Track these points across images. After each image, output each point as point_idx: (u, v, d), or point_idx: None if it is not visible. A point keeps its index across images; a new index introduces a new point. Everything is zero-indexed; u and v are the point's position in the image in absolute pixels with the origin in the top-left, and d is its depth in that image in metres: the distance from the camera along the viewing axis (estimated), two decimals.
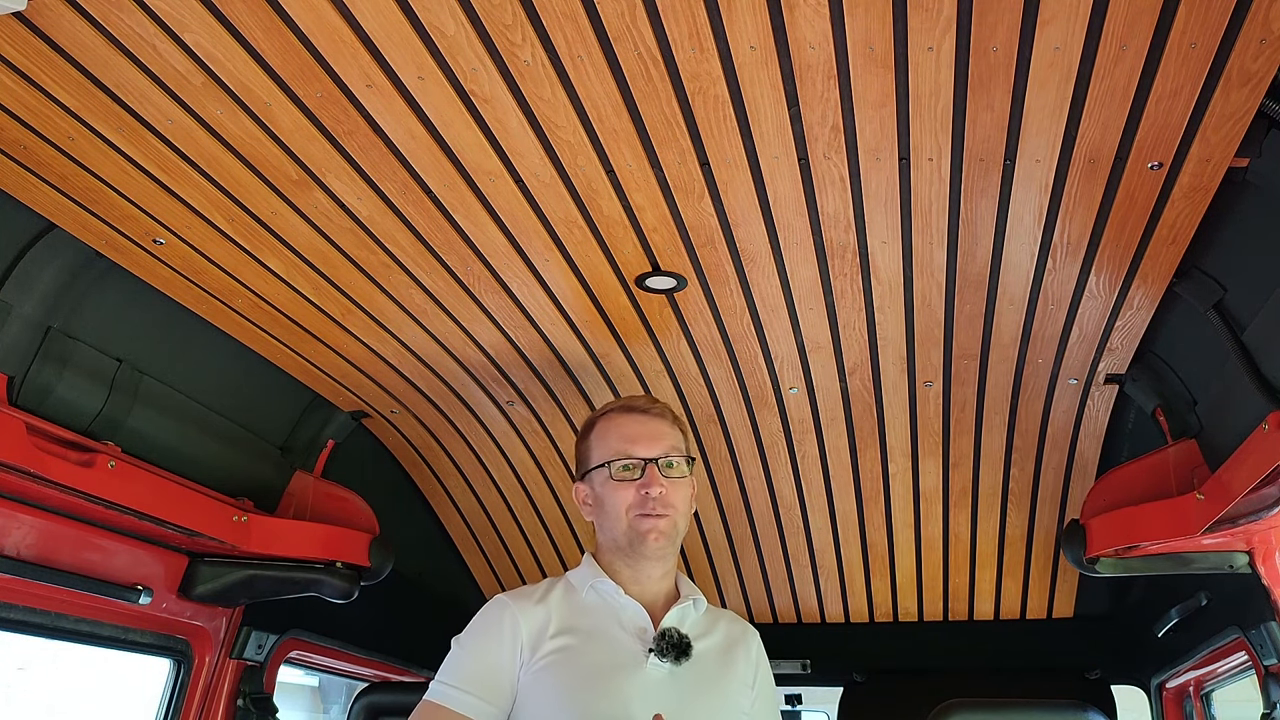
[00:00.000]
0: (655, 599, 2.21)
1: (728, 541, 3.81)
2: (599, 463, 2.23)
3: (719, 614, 2.32)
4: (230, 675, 3.01)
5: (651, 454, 2.20)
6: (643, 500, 2.17)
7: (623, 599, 2.17)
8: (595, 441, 2.28)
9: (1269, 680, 2.73)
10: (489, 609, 2.16)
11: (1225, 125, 1.76)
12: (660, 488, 2.17)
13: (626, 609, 2.16)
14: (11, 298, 2.16)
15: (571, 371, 2.94)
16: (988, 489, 3.44)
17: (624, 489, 2.18)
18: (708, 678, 2.14)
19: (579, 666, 2.05)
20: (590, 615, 2.15)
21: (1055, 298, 2.43)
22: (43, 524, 2.33)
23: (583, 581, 2.21)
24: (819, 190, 2.05)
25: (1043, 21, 1.57)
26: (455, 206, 2.14)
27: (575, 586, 2.22)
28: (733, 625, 2.31)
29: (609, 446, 2.23)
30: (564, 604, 2.16)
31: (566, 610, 2.14)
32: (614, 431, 2.25)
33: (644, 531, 2.15)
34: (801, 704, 4.36)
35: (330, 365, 2.92)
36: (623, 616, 2.16)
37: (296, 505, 3.11)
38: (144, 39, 1.67)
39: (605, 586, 2.18)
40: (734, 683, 2.20)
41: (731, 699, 2.17)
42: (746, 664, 2.26)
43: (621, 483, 2.19)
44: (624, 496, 2.18)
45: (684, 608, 2.20)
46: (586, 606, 2.17)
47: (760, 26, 1.60)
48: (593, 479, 2.26)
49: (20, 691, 5.64)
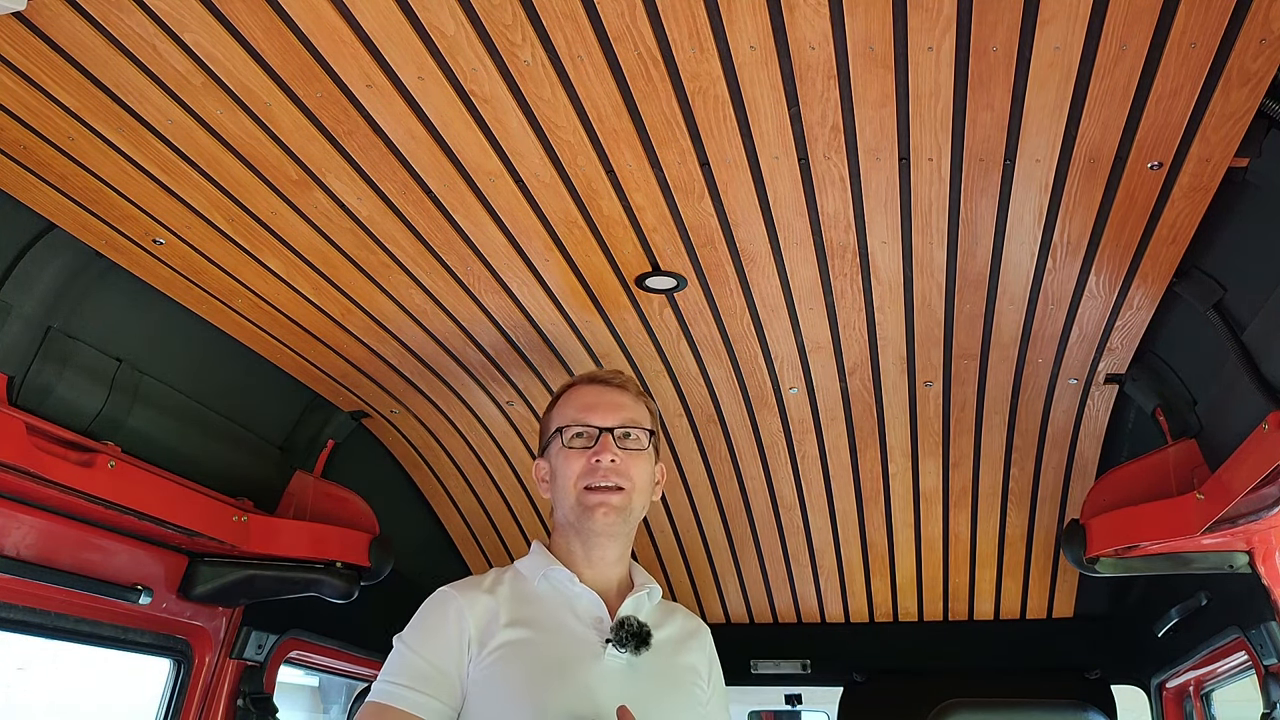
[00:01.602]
0: (609, 586, 2.10)
1: (728, 541, 3.81)
2: (554, 431, 2.13)
3: (672, 607, 2.23)
4: (230, 675, 3.00)
5: (607, 423, 2.08)
6: (592, 469, 2.05)
7: (577, 587, 2.04)
8: (553, 415, 2.17)
9: (1269, 680, 2.73)
10: (432, 602, 2.01)
11: (1225, 125, 1.77)
12: (613, 456, 2.05)
13: (581, 598, 2.04)
14: (11, 298, 2.16)
15: (572, 371, 2.94)
16: (988, 489, 3.44)
17: (575, 458, 2.07)
18: (666, 669, 2.05)
19: (533, 659, 1.93)
20: (542, 605, 2.02)
21: (1055, 297, 2.43)
22: (43, 524, 2.33)
23: (534, 570, 2.08)
24: (819, 190, 2.05)
25: (1043, 21, 1.57)
26: (455, 206, 2.14)
27: (525, 575, 2.08)
28: (687, 620, 2.22)
29: (564, 416, 2.13)
30: (513, 594, 2.02)
31: (516, 600, 2.01)
32: (573, 401, 2.15)
33: (592, 505, 2.03)
34: (801, 704, 4.36)
35: (330, 365, 2.92)
36: (577, 606, 2.03)
37: (296, 505, 3.11)
38: (144, 39, 1.67)
39: (558, 574, 2.05)
40: (691, 675, 2.11)
41: (691, 692, 2.09)
42: (701, 658, 2.16)
43: (573, 451, 2.07)
44: (573, 467, 2.06)
45: (639, 597, 2.10)
46: (538, 596, 2.04)
47: (760, 26, 1.60)
48: (549, 454, 2.15)
49: (19, 692, 5.64)
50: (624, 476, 2.06)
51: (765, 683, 4.21)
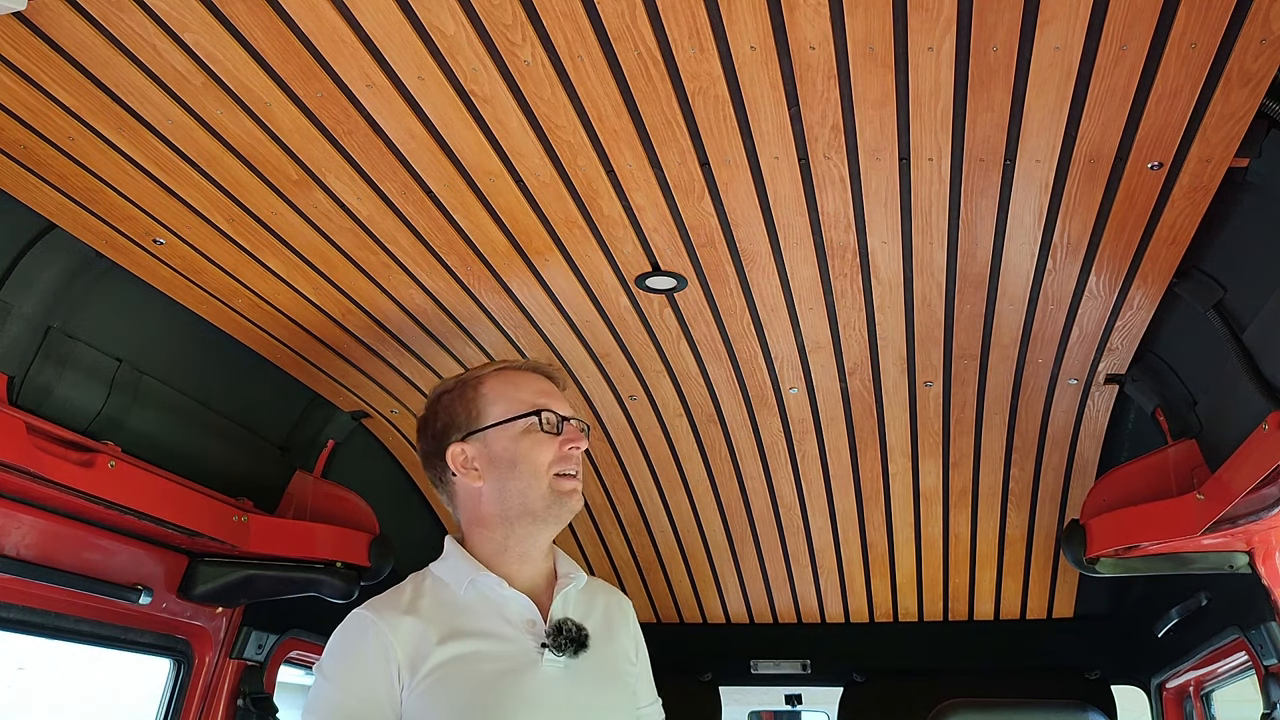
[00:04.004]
0: (538, 582, 2.02)
1: (728, 541, 3.81)
2: (507, 417, 1.99)
3: (593, 586, 2.13)
4: (230, 675, 3.00)
5: (565, 413, 2.03)
6: (565, 457, 1.98)
7: (506, 592, 1.94)
8: (493, 396, 2.02)
9: (1269, 680, 2.73)
10: (349, 631, 1.87)
11: (1225, 125, 1.76)
12: (584, 444, 2.02)
13: (511, 602, 1.94)
14: (11, 298, 2.16)
15: (572, 371, 2.94)
16: (988, 489, 3.44)
17: (546, 445, 1.97)
18: (602, 665, 1.99)
19: (472, 676, 1.83)
20: (472, 614, 1.92)
21: (1055, 298, 2.43)
22: (43, 524, 2.33)
23: (458, 577, 1.96)
24: (819, 190, 2.05)
25: (1043, 21, 1.57)
26: (455, 206, 2.14)
27: (448, 583, 1.97)
28: (609, 596, 2.15)
29: (520, 400, 2.01)
30: (439, 606, 1.91)
31: (444, 613, 1.90)
32: (524, 386, 2.04)
33: (567, 491, 1.97)
34: (801, 704, 4.36)
35: (330, 365, 2.92)
36: (507, 610, 1.94)
37: (296, 505, 3.11)
38: (144, 39, 1.67)
39: (486, 581, 1.95)
40: (625, 663, 2.08)
41: (625, 682, 2.05)
42: (627, 636, 2.12)
43: (546, 436, 1.98)
44: (545, 453, 1.97)
45: (567, 592, 2.02)
46: (465, 605, 1.93)
47: (760, 26, 1.60)
48: (489, 438, 1.99)
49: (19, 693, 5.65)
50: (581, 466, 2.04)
51: (765, 683, 4.21)
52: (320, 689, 1.83)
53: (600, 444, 3.38)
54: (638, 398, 3.09)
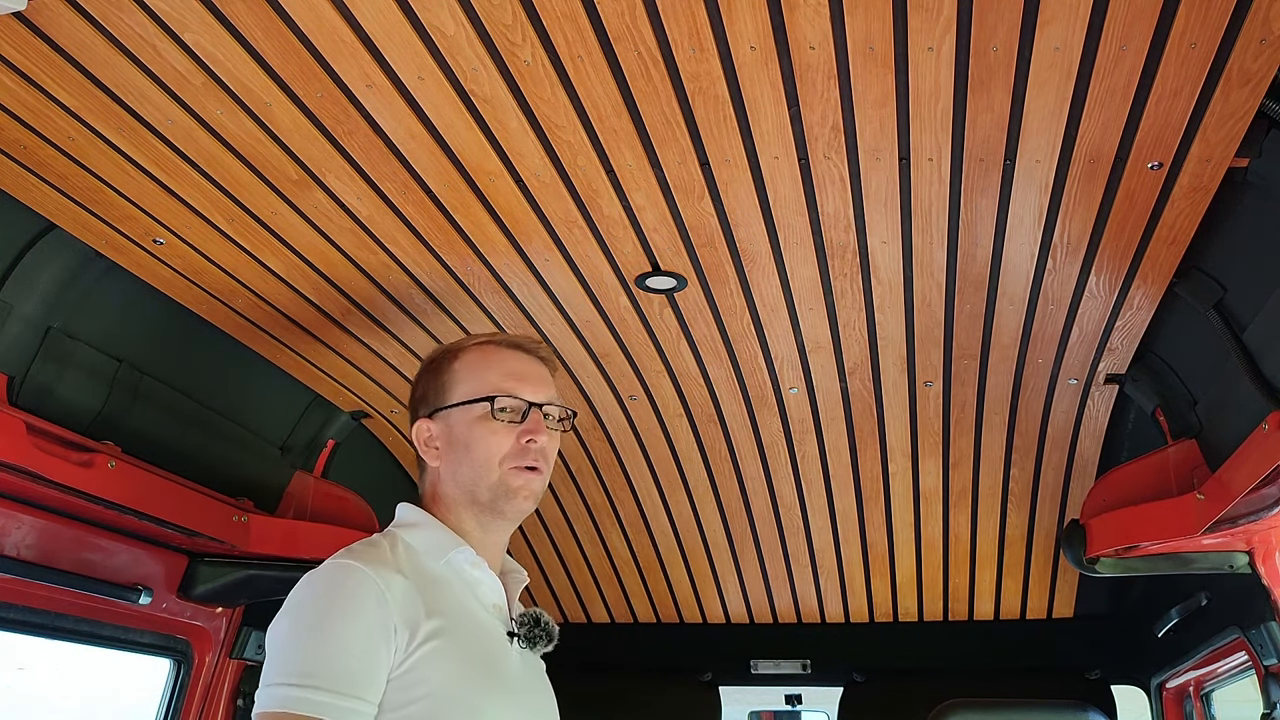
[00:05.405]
0: (495, 570, 1.88)
1: (728, 541, 3.81)
2: (468, 398, 1.85)
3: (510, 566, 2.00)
4: (230, 675, 3.01)
5: (537, 398, 1.86)
6: (522, 451, 1.82)
7: (478, 572, 1.81)
8: (463, 373, 1.89)
9: (1269, 680, 2.73)
10: (341, 583, 1.62)
11: (1225, 125, 1.76)
12: (545, 436, 1.85)
13: (482, 583, 1.82)
14: (11, 298, 2.16)
15: (572, 371, 2.94)
16: (988, 489, 3.44)
17: (502, 434, 1.82)
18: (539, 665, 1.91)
19: (464, 656, 1.69)
20: (449, 590, 1.76)
21: (1055, 298, 2.43)
22: (43, 524, 2.34)
23: (434, 548, 1.79)
24: (819, 190, 2.05)
25: (1043, 21, 1.57)
26: (455, 206, 2.14)
27: (420, 553, 1.78)
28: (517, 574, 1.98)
29: (485, 381, 1.86)
30: (419, 575, 1.72)
31: (424, 583, 1.71)
32: (495, 366, 1.88)
33: (516, 488, 1.82)
34: (801, 704, 4.36)
35: (330, 365, 2.92)
36: (478, 591, 1.81)
37: (296, 505, 3.11)
38: (144, 39, 1.67)
39: (463, 557, 1.80)
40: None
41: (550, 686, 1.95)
42: None
43: (501, 425, 1.83)
44: (499, 443, 1.82)
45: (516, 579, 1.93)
46: (440, 578, 1.76)
47: (760, 26, 1.60)
48: (452, 417, 1.86)
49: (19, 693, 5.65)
50: (545, 459, 1.86)
51: (765, 683, 4.21)
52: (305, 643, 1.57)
53: (600, 444, 3.38)
54: (638, 398, 3.09)
